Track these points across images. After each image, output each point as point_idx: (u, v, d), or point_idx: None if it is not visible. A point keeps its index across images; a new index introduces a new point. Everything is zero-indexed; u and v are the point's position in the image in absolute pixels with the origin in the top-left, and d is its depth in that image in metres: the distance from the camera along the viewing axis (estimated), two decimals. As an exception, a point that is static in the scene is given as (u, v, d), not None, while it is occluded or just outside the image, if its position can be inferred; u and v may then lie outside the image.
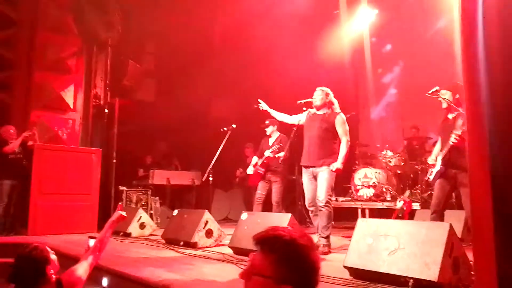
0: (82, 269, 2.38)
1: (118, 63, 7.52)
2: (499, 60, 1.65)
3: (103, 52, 7.25)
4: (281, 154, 5.63)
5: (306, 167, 4.49)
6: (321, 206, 4.23)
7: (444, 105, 3.80)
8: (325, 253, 4.14)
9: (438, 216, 3.63)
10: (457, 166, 3.56)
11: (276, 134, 5.99)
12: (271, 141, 5.98)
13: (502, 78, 1.64)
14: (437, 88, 3.76)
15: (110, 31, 6.90)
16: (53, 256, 2.47)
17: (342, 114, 4.46)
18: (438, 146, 3.99)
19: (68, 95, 6.78)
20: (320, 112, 4.50)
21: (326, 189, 4.23)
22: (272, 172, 5.74)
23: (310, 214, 4.59)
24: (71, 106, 6.78)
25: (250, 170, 5.97)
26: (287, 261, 1.22)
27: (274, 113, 5.01)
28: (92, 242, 2.72)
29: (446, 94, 3.78)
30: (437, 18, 7.00)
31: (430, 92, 3.78)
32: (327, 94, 4.51)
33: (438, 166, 3.71)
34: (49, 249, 2.53)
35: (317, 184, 4.36)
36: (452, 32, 6.58)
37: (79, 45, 6.90)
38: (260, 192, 5.76)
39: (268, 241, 1.26)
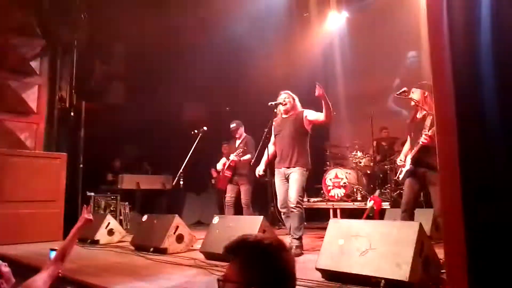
0: (41, 281, 2.26)
1: (85, 65, 7.30)
2: (466, 60, 1.67)
3: (68, 53, 7.00)
4: (247, 157, 5.63)
5: (279, 168, 4.50)
6: (292, 207, 4.24)
7: (412, 104, 3.86)
8: (297, 255, 4.13)
9: (408, 215, 3.68)
10: (426, 165, 3.62)
11: (242, 136, 6.01)
12: (237, 143, 5.98)
13: (468, 78, 1.66)
14: (405, 89, 3.82)
15: (75, 32, 6.68)
16: (5, 269, 2.32)
17: (307, 109, 4.51)
18: (407, 145, 4.05)
19: (32, 98, 6.49)
20: (287, 115, 4.55)
21: (297, 190, 4.24)
22: (239, 175, 5.75)
23: (283, 216, 4.58)
24: (35, 110, 6.50)
25: (219, 165, 5.95)
26: (254, 264, 1.20)
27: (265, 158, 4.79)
28: (53, 254, 2.59)
29: (415, 93, 3.84)
30: (404, 20, 7.15)
31: (398, 93, 3.83)
32: (294, 98, 4.59)
33: (407, 165, 3.77)
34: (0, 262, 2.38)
35: (288, 185, 4.37)
36: (419, 34, 6.74)
37: (43, 47, 6.65)
38: (229, 195, 5.77)
39: (235, 247, 1.25)
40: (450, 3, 1.68)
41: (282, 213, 4.56)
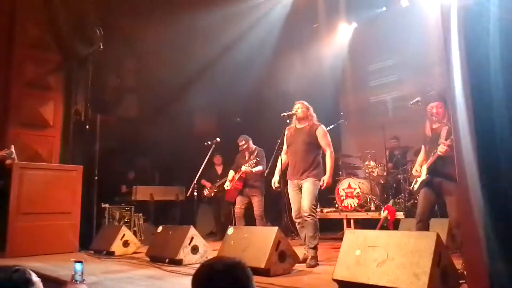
0: None
1: (100, 79, 7.43)
2: (483, 70, 1.69)
3: (83, 68, 7.14)
4: (259, 168, 5.64)
5: (292, 179, 4.52)
6: (305, 216, 4.25)
7: (438, 117, 3.86)
8: (313, 266, 4.14)
9: (423, 225, 3.67)
10: (442, 174, 3.62)
11: (252, 148, 6.01)
12: (247, 155, 5.98)
13: (487, 87, 1.68)
14: (418, 99, 3.84)
15: (90, 47, 6.82)
16: (35, 279, 2.37)
17: (322, 126, 4.55)
18: (421, 155, 4.05)
19: (48, 112, 6.64)
20: (301, 125, 4.57)
21: (310, 199, 4.26)
22: (250, 186, 5.75)
23: (297, 226, 4.59)
24: (51, 123, 6.64)
25: (227, 186, 5.96)
26: None
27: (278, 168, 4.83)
28: (78, 266, 2.61)
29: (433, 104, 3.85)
30: (414, 30, 7.16)
31: (412, 102, 3.85)
32: (308, 108, 4.61)
33: (423, 175, 3.76)
34: (31, 272, 2.43)
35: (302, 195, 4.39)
36: (431, 44, 6.75)
37: (59, 62, 6.80)
38: (238, 206, 5.77)
39: (193, 280, 1.35)
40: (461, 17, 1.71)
41: (297, 224, 4.57)
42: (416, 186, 3.86)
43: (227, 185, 6.01)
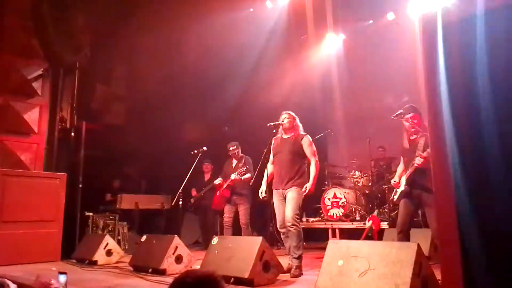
0: None
1: (86, 86, 7.39)
2: (461, 84, 1.73)
3: (70, 75, 7.11)
4: (247, 175, 5.66)
5: (277, 189, 4.54)
6: (289, 226, 4.26)
7: (407, 125, 3.94)
8: (297, 276, 4.14)
9: (404, 235, 3.72)
10: (421, 186, 3.68)
11: (239, 155, 6.03)
12: (234, 163, 6.00)
13: (463, 102, 1.72)
14: (401, 111, 3.91)
15: (77, 54, 6.79)
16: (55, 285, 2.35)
17: (308, 136, 4.59)
18: (400, 167, 4.12)
19: (33, 119, 6.56)
20: (287, 135, 4.62)
21: (293, 208, 4.27)
22: (238, 194, 5.76)
23: (282, 236, 4.60)
24: (36, 130, 6.55)
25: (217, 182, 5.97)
26: None
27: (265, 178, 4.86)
28: (62, 278, 2.59)
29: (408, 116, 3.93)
30: (400, 41, 7.29)
31: (395, 115, 3.92)
32: (294, 118, 4.66)
33: (402, 186, 3.82)
34: (9, 283, 2.41)
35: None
36: (416, 56, 6.86)
37: (45, 68, 6.75)
38: (227, 215, 5.78)
39: None
40: (445, 33, 1.76)
41: (281, 233, 4.57)
42: (395, 197, 3.91)
43: (217, 182, 6.01)
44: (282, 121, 4.64)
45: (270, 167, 4.80)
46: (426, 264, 2.80)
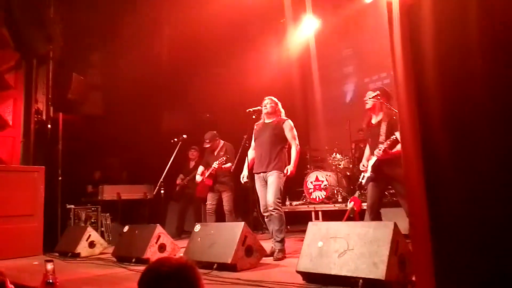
0: None
1: (61, 77, 7.22)
2: (430, 66, 1.74)
3: (44, 65, 6.93)
4: (228, 164, 5.65)
5: (258, 173, 4.56)
6: (271, 210, 4.30)
7: (368, 106, 3.99)
8: (280, 259, 4.19)
9: (375, 216, 3.80)
10: (386, 175, 3.77)
11: (220, 144, 6.01)
12: (216, 151, 5.98)
13: (435, 86, 1.73)
14: (378, 92, 3.94)
15: (50, 44, 6.61)
16: (10, 286, 2.33)
17: (290, 120, 4.60)
18: (367, 150, 4.18)
19: (7, 112, 6.41)
20: (269, 120, 4.63)
21: (274, 193, 4.31)
22: (220, 182, 5.76)
23: (266, 220, 4.63)
24: (10, 123, 6.41)
25: (198, 178, 5.95)
26: None
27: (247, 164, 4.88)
28: (49, 266, 2.57)
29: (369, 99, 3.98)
30: (377, 23, 7.31)
31: (371, 96, 3.95)
32: (276, 103, 4.69)
33: (368, 172, 3.89)
34: (7, 279, 2.38)
35: None
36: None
37: (17, 59, 6.56)
38: (210, 203, 5.78)
39: (139, 284, 1.33)
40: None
41: (265, 217, 4.60)
42: (363, 181, 3.99)
43: (198, 179, 5.99)
44: (265, 106, 4.65)
45: (251, 153, 4.82)
46: (403, 242, 2.86)
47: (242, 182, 4.87)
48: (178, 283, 1.28)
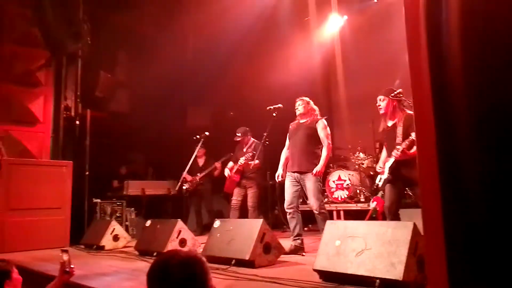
0: None
1: (89, 75, 7.43)
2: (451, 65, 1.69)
3: (73, 63, 7.15)
4: (256, 162, 5.68)
5: (291, 172, 4.58)
6: (318, 213, 4.39)
7: (382, 111, 3.93)
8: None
9: (393, 217, 3.74)
10: (403, 177, 3.70)
11: (250, 141, 6.06)
12: (245, 147, 6.03)
13: (447, 84, 1.68)
14: (400, 90, 3.87)
15: (78, 42, 6.80)
16: (16, 276, 2.43)
17: (323, 120, 4.63)
18: (384, 153, 4.11)
19: (37, 108, 6.65)
20: (303, 120, 4.65)
21: (318, 197, 4.41)
22: (247, 178, 5.81)
23: (288, 216, 4.63)
24: (41, 119, 6.64)
25: (226, 172, 6.00)
26: (148, 285, 1.32)
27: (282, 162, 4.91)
28: (65, 256, 2.68)
29: (383, 102, 3.92)
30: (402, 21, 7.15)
31: (393, 94, 3.88)
32: (308, 103, 4.74)
33: (385, 174, 3.82)
34: (15, 268, 2.48)
35: (298, 188, 4.53)
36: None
37: (48, 57, 6.79)
38: (235, 198, 5.83)
39: (148, 275, 1.35)
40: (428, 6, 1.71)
41: (288, 214, 4.61)
42: (380, 184, 3.92)
43: (226, 173, 6.05)
44: (297, 108, 4.68)
45: (285, 152, 4.85)
46: (422, 243, 2.80)
47: (277, 180, 4.88)
48: (186, 276, 1.30)
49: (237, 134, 6.06)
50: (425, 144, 1.72)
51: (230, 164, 6.11)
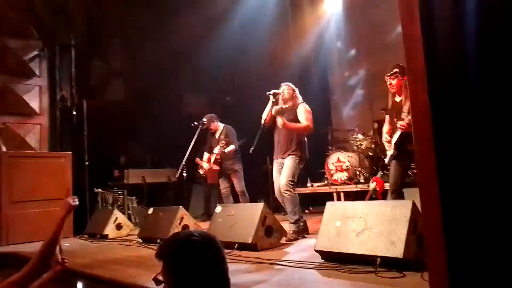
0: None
1: (84, 64, 7.38)
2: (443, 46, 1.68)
3: (66, 53, 7.08)
4: (231, 147, 5.64)
5: (276, 159, 4.59)
6: (283, 192, 4.30)
7: (393, 90, 3.92)
8: (292, 240, 4.18)
9: (398, 195, 3.76)
10: (408, 151, 3.69)
11: (220, 127, 5.98)
12: (217, 135, 5.96)
13: (444, 65, 1.67)
14: (396, 70, 3.86)
15: (72, 31, 6.74)
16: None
17: (305, 104, 4.59)
18: (386, 126, 4.13)
19: (33, 100, 6.62)
20: (286, 106, 4.61)
21: (287, 175, 4.31)
22: (227, 165, 5.75)
23: (282, 203, 4.64)
24: (37, 111, 6.62)
25: (205, 166, 5.96)
26: (172, 263, 1.34)
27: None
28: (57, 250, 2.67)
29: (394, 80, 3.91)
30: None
31: (389, 74, 3.88)
32: (293, 89, 4.65)
33: (391, 150, 3.84)
34: None
35: None
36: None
37: (41, 48, 6.72)
38: (223, 186, 5.82)
39: (160, 250, 1.38)
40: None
41: (281, 201, 4.61)
42: (386, 160, 3.94)
43: (205, 166, 5.99)
44: (282, 91, 4.63)
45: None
46: (421, 221, 2.83)
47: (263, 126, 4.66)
48: (207, 251, 1.36)
49: (203, 121, 5.95)
50: (421, 122, 1.73)
51: (206, 155, 6.04)
